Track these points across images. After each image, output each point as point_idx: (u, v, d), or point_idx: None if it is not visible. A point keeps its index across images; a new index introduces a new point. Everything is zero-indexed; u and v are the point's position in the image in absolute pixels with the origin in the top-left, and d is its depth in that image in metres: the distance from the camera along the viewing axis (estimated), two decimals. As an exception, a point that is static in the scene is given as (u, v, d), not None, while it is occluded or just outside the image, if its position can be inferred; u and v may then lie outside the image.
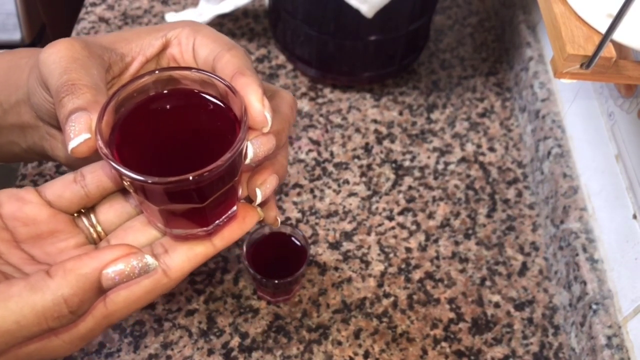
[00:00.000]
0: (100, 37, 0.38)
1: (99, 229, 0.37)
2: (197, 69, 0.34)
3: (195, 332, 0.59)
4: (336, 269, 0.64)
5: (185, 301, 0.61)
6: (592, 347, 0.55)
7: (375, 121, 0.77)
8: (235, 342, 0.59)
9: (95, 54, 0.36)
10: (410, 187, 0.71)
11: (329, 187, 0.70)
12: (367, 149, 0.74)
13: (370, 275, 0.64)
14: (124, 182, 0.32)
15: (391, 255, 0.65)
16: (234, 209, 0.36)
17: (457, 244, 0.67)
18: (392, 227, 0.67)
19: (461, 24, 0.89)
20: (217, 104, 0.34)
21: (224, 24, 0.85)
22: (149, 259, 0.31)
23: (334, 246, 0.65)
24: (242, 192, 0.37)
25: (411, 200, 0.70)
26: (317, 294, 0.62)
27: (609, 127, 0.61)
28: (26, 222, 0.35)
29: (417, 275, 0.64)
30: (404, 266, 0.65)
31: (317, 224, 0.67)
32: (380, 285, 0.63)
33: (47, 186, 0.36)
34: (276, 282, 0.57)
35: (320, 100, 0.78)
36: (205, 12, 0.80)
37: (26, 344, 0.32)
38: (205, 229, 0.35)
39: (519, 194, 0.71)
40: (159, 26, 0.39)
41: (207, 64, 0.37)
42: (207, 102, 0.34)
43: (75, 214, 0.37)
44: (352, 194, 0.70)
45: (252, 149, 0.34)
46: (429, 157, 0.74)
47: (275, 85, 0.79)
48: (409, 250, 0.66)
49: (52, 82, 0.34)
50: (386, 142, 0.75)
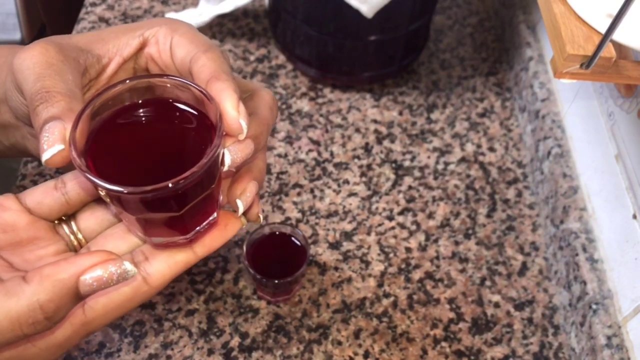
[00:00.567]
0: (76, 37, 0.37)
1: (80, 236, 0.37)
2: (171, 76, 0.33)
3: (195, 332, 0.59)
4: (336, 269, 0.64)
5: (185, 301, 0.61)
6: (592, 347, 0.55)
7: (375, 121, 0.77)
8: (235, 342, 0.59)
9: (70, 58, 0.35)
10: (410, 187, 0.71)
11: (329, 187, 0.70)
12: (367, 149, 0.74)
13: (370, 275, 0.64)
14: (100, 193, 0.32)
15: (391, 255, 0.65)
16: (214, 215, 0.35)
17: (457, 244, 0.67)
18: (392, 227, 0.67)
19: (461, 24, 0.89)
20: (193, 111, 0.34)
21: (224, 24, 0.85)
22: (128, 266, 0.31)
23: (334, 246, 0.65)
24: (222, 199, 0.37)
25: (411, 200, 0.70)
26: (317, 294, 0.62)
27: (609, 127, 0.61)
28: (5, 229, 0.34)
29: (417, 275, 0.64)
30: (404, 266, 0.65)
31: (317, 224, 0.67)
32: (380, 285, 0.63)
33: (27, 193, 0.36)
34: (276, 282, 0.57)
35: (320, 100, 0.78)
36: (205, 12, 0.80)
37: (0, 351, 0.31)
38: (185, 236, 0.34)
39: (519, 194, 0.71)
40: (136, 24, 0.38)
41: (184, 65, 0.37)
42: (183, 109, 0.34)
43: (55, 221, 0.37)
44: (352, 194, 0.70)
45: (230, 155, 0.33)
46: (429, 157, 0.74)
47: (275, 85, 0.79)
48: (409, 250, 0.66)
49: (26, 89, 0.33)
50: (386, 142, 0.75)
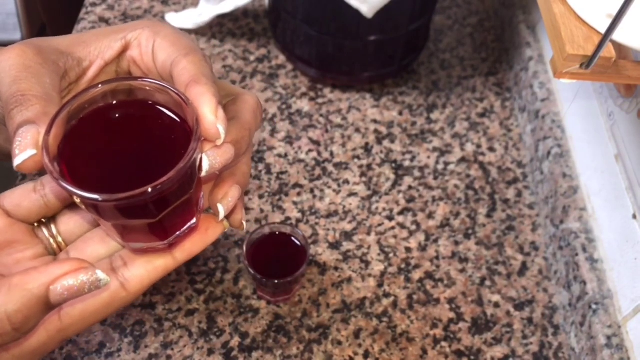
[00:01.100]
0: (57, 39, 0.36)
1: (60, 239, 0.36)
2: (149, 79, 0.33)
3: (195, 332, 0.59)
4: (336, 269, 0.64)
5: (185, 301, 0.61)
6: (592, 347, 0.55)
7: (375, 121, 0.77)
8: (235, 342, 0.59)
9: (49, 61, 0.34)
10: (410, 187, 0.71)
11: (329, 187, 0.70)
12: (367, 149, 0.74)
13: (370, 275, 0.64)
14: (75, 200, 0.31)
15: (391, 255, 0.65)
16: (194, 221, 0.35)
17: (457, 244, 0.67)
18: (392, 227, 0.67)
19: (461, 24, 0.89)
20: (171, 115, 0.33)
21: (224, 24, 0.85)
22: (100, 274, 0.30)
23: (334, 246, 0.66)
24: (203, 203, 0.36)
25: (411, 200, 0.70)
26: (317, 293, 0.62)
27: (609, 127, 0.61)
28: None
29: (417, 275, 0.64)
30: (404, 266, 0.65)
31: (317, 224, 0.67)
32: (380, 285, 0.63)
33: (6, 195, 0.35)
34: (276, 282, 0.57)
35: (320, 100, 0.78)
36: (205, 12, 0.80)
37: None
38: (163, 242, 0.33)
39: (519, 194, 0.71)
40: (119, 27, 0.38)
41: (165, 69, 0.36)
42: (160, 113, 0.33)
43: (35, 224, 0.36)
44: (352, 194, 0.70)
45: (208, 160, 0.33)
46: (428, 157, 0.74)
47: (275, 85, 0.79)
48: (409, 250, 0.66)
49: (2, 92, 0.33)
50: (386, 142, 0.75)
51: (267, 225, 0.61)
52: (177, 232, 0.34)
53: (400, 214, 0.69)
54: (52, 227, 0.36)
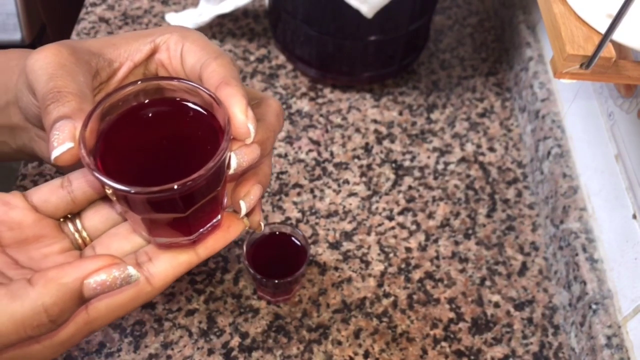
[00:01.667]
0: (88, 42, 0.38)
1: (84, 234, 0.37)
2: (182, 79, 0.34)
3: (195, 332, 0.59)
4: (336, 269, 0.64)
5: (185, 301, 0.61)
6: (592, 347, 0.55)
7: (375, 121, 0.77)
8: (235, 341, 0.59)
9: (82, 60, 0.36)
10: (410, 187, 0.71)
11: (329, 187, 0.70)
12: (367, 149, 0.74)
13: (370, 275, 0.64)
14: (107, 191, 0.32)
15: (391, 255, 0.65)
16: (218, 218, 0.36)
17: (457, 244, 0.67)
18: (392, 227, 0.67)
19: (461, 24, 0.89)
20: (202, 114, 0.34)
21: (224, 24, 0.85)
22: (131, 270, 0.31)
23: (334, 246, 0.66)
24: (227, 201, 0.37)
25: (411, 200, 0.70)
26: (317, 293, 0.62)
27: (609, 127, 0.61)
28: (11, 226, 0.35)
29: (417, 275, 0.64)
30: (404, 266, 0.65)
31: (317, 224, 0.67)
32: (380, 285, 0.63)
33: (34, 191, 0.36)
34: (276, 282, 0.57)
35: (320, 100, 0.78)
36: (205, 12, 0.80)
37: (5, 351, 0.32)
38: (188, 237, 0.35)
39: (519, 194, 0.71)
40: (147, 31, 0.39)
41: (194, 72, 0.37)
42: (191, 112, 0.34)
43: (61, 219, 0.37)
44: (352, 194, 0.70)
45: (236, 159, 0.34)
46: (429, 157, 0.74)
47: (275, 85, 0.79)
48: (409, 250, 0.66)
49: (38, 89, 0.34)
50: (386, 142, 0.75)
51: (267, 225, 0.61)
52: (202, 229, 0.35)
53: (400, 214, 0.69)
54: (78, 222, 0.37)
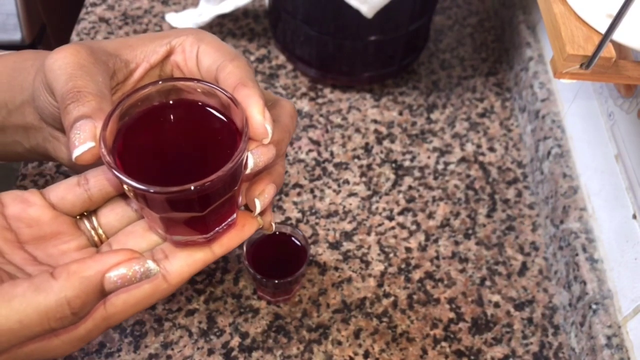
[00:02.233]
0: (104, 42, 0.39)
1: (100, 231, 0.38)
2: (200, 80, 0.34)
3: (195, 332, 0.59)
4: (336, 269, 0.64)
5: (185, 301, 0.61)
6: (592, 347, 0.55)
7: (375, 121, 0.77)
8: (235, 342, 0.59)
9: (100, 61, 0.36)
10: (410, 187, 0.71)
11: (329, 187, 0.70)
12: (367, 149, 0.74)
13: (370, 275, 0.64)
14: (126, 190, 0.33)
15: (391, 255, 0.65)
16: (234, 216, 0.36)
17: (457, 244, 0.67)
18: (392, 227, 0.67)
19: (461, 24, 0.89)
20: (219, 115, 0.35)
21: (224, 24, 0.85)
22: (151, 265, 0.32)
23: (334, 246, 0.66)
24: (241, 200, 0.38)
25: (411, 200, 0.70)
26: (317, 294, 0.62)
27: (609, 127, 0.61)
28: (30, 223, 0.36)
29: (417, 275, 0.64)
30: (404, 266, 0.65)
31: (317, 224, 0.67)
32: (380, 285, 0.63)
33: (51, 189, 0.37)
34: (276, 282, 0.57)
35: (320, 100, 0.78)
36: (205, 12, 0.80)
37: (26, 344, 0.32)
38: (204, 236, 0.35)
39: (519, 194, 0.71)
40: (163, 33, 0.40)
41: (210, 73, 0.38)
42: (209, 112, 0.35)
43: (77, 217, 0.38)
44: (352, 194, 0.70)
45: (253, 159, 0.34)
46: (429, 157, 0.74)
47: (275, 85, 0.79)
48: (409, 250, 0.66)
49: (57, 88, 0.35)
50: (386, 142, 0.75)
51: (262, 230, 0.61)
52: (218, 227, 0.35)
53: (400, 214, 0.69)
54: (94, 219, 0.38)
